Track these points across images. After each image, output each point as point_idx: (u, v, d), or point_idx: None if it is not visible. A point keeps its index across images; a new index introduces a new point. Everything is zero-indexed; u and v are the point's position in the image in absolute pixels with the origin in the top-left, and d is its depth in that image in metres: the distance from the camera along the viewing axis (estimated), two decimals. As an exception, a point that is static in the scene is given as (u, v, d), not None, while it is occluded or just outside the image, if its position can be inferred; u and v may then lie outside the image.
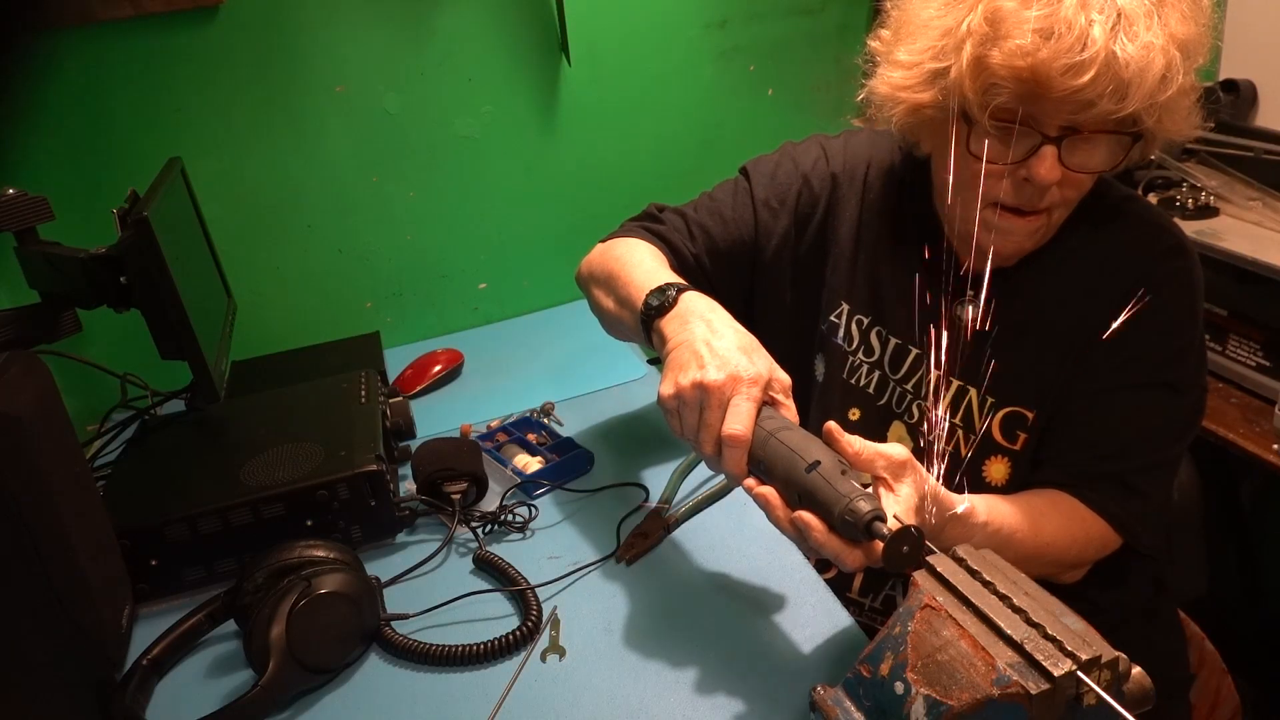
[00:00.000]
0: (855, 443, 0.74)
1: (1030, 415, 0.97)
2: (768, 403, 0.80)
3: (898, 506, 0.73)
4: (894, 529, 0.67)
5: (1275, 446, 1.28)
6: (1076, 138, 0.83)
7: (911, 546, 0.68)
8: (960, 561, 0.68)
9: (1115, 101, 0.79)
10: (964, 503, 0.81)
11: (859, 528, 0.68)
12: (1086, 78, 0.77)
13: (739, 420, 0.76)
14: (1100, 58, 0.77)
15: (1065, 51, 0.77)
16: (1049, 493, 0.94)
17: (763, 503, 0.75)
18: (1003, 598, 0.63)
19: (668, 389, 0.81)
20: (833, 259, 1.07)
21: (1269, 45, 1.77)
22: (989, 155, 0.86)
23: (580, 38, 1.56)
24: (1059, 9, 0.78)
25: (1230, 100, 1.76)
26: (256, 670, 0.84)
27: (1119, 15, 0.78)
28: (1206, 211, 1.48)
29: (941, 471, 0.80)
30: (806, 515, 0.71)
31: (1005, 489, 0.97)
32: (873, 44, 0.95)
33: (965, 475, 0.98)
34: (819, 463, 0.72)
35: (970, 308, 0.99)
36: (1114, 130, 0.83)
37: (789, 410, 0.81)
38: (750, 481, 0.77)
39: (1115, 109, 0.79)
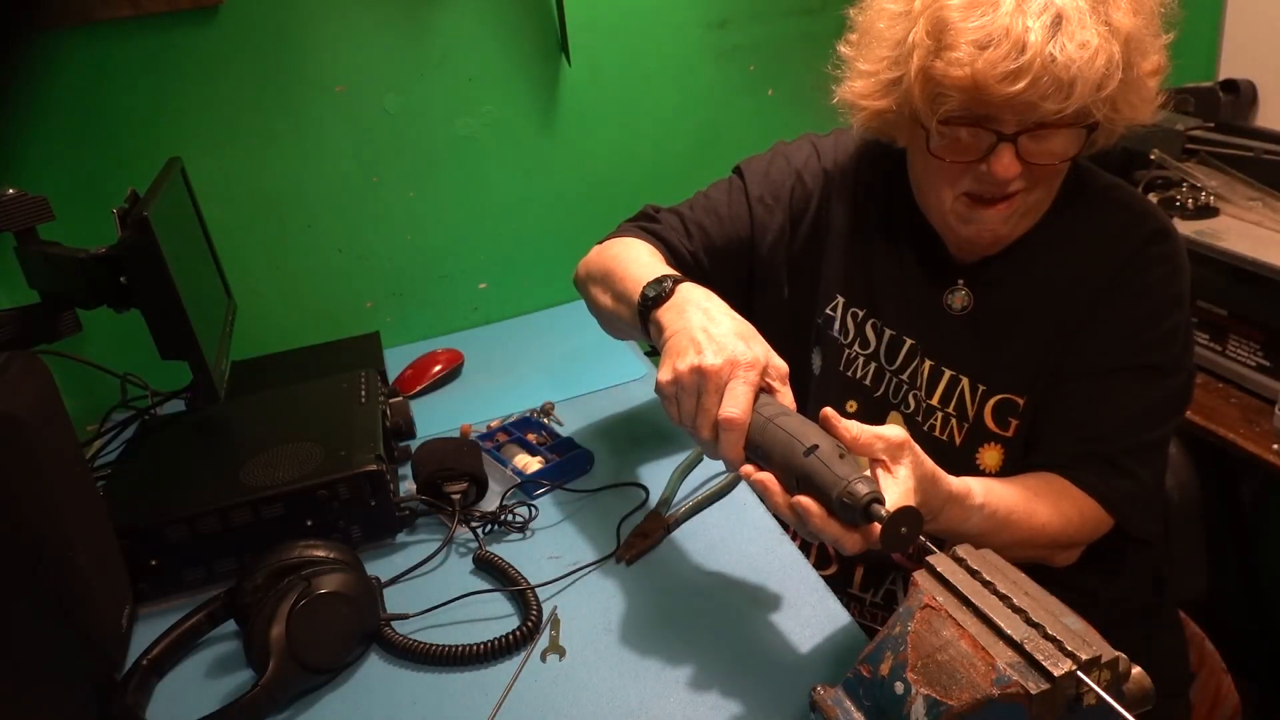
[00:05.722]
0: (853, 427, 0.75)
1: (1021, 401, 0.98)
2: (765, 389, 0.80)
3: (896, 488, 0.73)
4: (892, 510, 0.67)
5: (1275, 446, 1.28)
6: (1032, 133, 0.85)
7: (910, 527, 0.68)
8: (960, 561, 0.68)
9: (1059, 101, 0.81)
10: (961, 484, 0.81)
11: (857, 510, 0.68)
12: (1023, 83, 0.79)
13: (736, 404, 0.77)
14: (1037, 63, 0.79)
15: (1002, 59, 0.79)
16: (1041, 475, 0.95)
17: (761, 489, 0.75)
18: (1003, 598, 0.63)
19: (665, 375, 0.81)
20: (827, 253, 1.08)
21: (1269, 45, 1.77)
22: (950, 154, 0.89)
23: (580, 38, 1.56)
24: (996, 17, 0.80)
25: (1230, 100, 1.76)
26: (256, 670, 0.84)
27: (1058, 16, 0.80)
28: (1206, 211, 1.48)
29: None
30: (805, 500, 0.71)
31: (999, 475, 0.98)
32: (843, 50, 0.97)
33: (959, 462, 0.98)
34: (817, 446, 0.72)
35: (959, 296, 1.00)
36: (1069, 125, 0.85)
37: (786, 397, 0.81)
38: (748, 468, 0.77)
39: (1060, 108, 0.81)
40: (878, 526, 0.68)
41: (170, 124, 1.40)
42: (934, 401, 1.02)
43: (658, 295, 0.91)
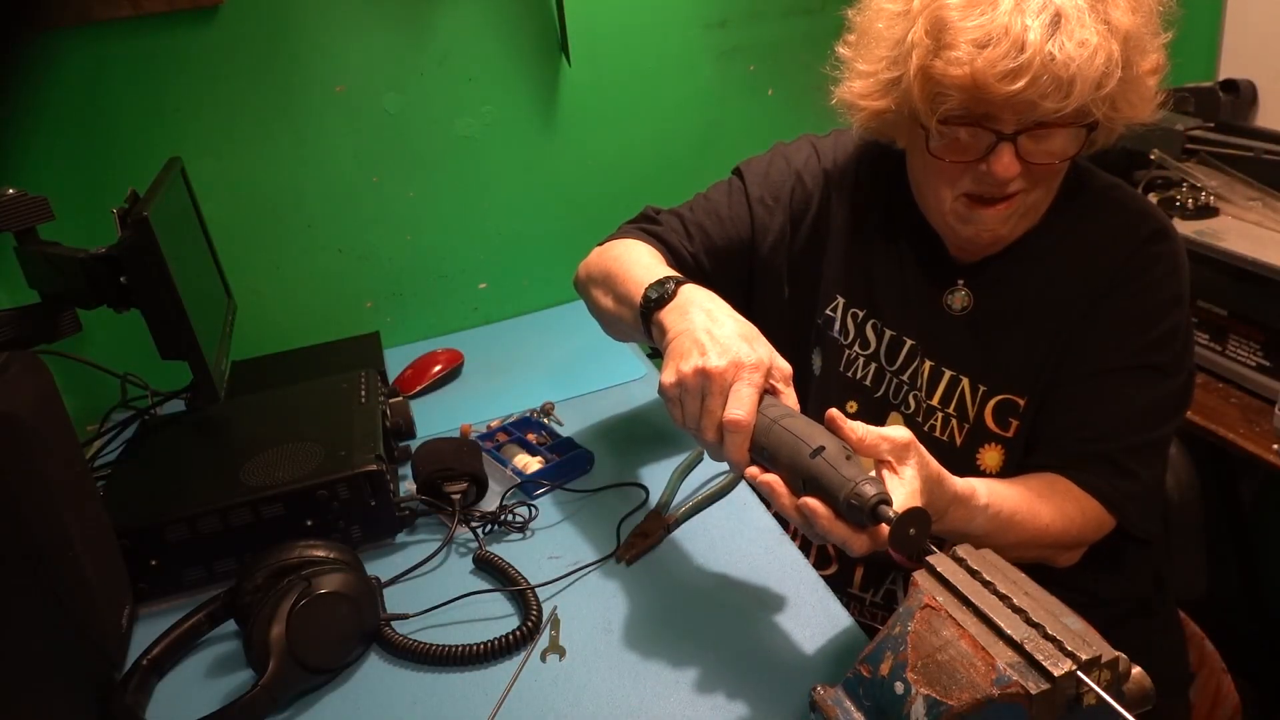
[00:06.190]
0: (858, 428, 0.75)
1: (1022, 402, 0.98)
2: (769, 391, 0.80)
3: (902, 489, 0.73)
4: (899, 512, 0.67)
5: (1275, 446, 1.27)
6: (1032, 132, 0.85)
7: (918, 528, 0.68)
8: (960, 561, 0.68)
9: (1058, 100, 0.81)
10: (966, 485, 0.81)
11: (865, 512, 0.68)
12: (1023, 82, 0.80)
13: (741, 405, 0.77)
14: (1036, 61, 0.79)
15: (1002, 58, 0.79)
16: (1043, 475, 0.95)
17: (767, 491, 0.75)
18: (1003, 598, 0.63)
19: (669, 377, 0.81)
20: (828, 254, 1.08)
21: (1269, 45, 1.77)
22: (950, 154, 0.89)
23: (580, 38, 1.56)
24: (995, 16, 0.80)
25: (1230, 100, 1.76)
26: (256, 670, 0.84)
27: (1056, 15, 0.80)
28: (1206, 211, 1.48)
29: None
30: (812, 502, 0.71)
31: (999, 476, 0.98)
32: (841, 51, 0.97)
33: (960, 463, 0.98)
34: (823, 448, 0.72)
35: (959, 297, 1.00)
36: (1068, 124, 0.85)
37: (790, 398, 0.81)
38: (754, 470, 0.77)
39: (1059, 106, 0.81)
40: (885, 528, 0.68)
41: (170, 124, 1.40)
42: (934, 402, 1.02)
43: (660, 297, 0.91)
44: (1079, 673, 0.58)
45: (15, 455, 0.77)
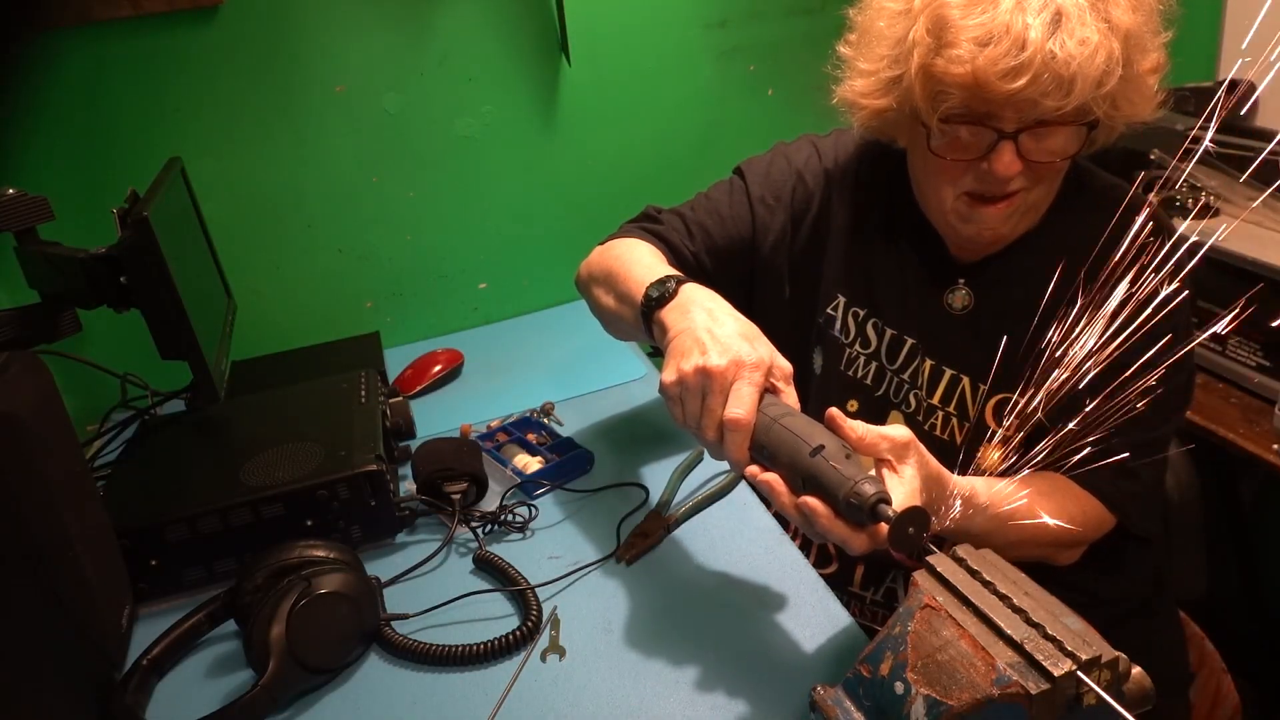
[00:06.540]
0: (858, 427, 0.75)
1: (1022, 401, 0.98)
2: (769, 390, 0.80)
3: (902, 488, 0.73)
4: (899, 510, 0.67)
5: (1275, 446, 1.27)
6: (1033, 130, 0.85)
7: (917, 527, 0.68)
8: (960, 561, 0.68)
9: (1059, 98, 0.81)
10: (965, 484, 0.81)
11: (864, 510, 0.68)
12: (1024, 80, 0.80)
13: (741, 404, 0.77)
14: (1037, 60, 0.79)
15: (1003, 56, 0.80)
16: (1043, 474, 0.95)
17: (767, 490, 0.75)
18: (1003, 598, 0.63)
19: (670, 376, 0.81)
20: (828, 253, 1.08)
21: (1269, 45, 1.77)
22: (951, 153, 0.89)
23: (580, 38, 1.56)
24: (996, 14, 0.81)
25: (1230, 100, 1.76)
26: (256, 670, 0.84)
27: (1057, 13, 0.80)
28: (1206, 211, 1.48)
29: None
30: (812, 500, 0.71)
31: (1000, 475, 0.98)
32: (842, 50, 0.97)
33: (960, 462, 0.99)
34: (823, 447, 0.72)
35: (960, 296, 1.00)
36: (1069, 122, 0.85)
37: (790, 397, 0.81)
38: (754, 469, 0.77)
39: (1060, 105, 0.82)
40: (885, 527, 0.68)
41: (170, 124, 1.40)
42: (935, 401, 1.02)
43: (661, 296, 0.91)
44: (1079, 673, 0.58)
45: (15, 455, 0.77)
